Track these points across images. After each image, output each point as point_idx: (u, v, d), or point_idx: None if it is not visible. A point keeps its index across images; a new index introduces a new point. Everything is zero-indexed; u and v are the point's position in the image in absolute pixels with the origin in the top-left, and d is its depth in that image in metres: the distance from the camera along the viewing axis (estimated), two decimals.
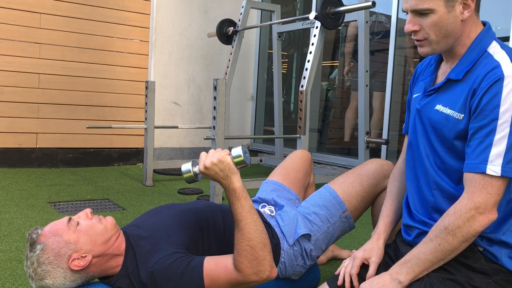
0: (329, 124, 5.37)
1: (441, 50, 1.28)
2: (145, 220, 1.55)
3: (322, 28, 3.29)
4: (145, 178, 3.76)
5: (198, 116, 5.00)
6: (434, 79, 1.36)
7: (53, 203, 3.03)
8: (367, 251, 1.40)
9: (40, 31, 4.18)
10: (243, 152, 1.38)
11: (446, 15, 1.21)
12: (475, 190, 1.16)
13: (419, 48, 1.29)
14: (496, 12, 3.98)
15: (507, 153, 1.13)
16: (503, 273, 1.24)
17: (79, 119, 4.39)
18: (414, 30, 1.25)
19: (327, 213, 1.65)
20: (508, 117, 1.13)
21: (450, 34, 1.23)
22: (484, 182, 1.15)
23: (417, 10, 1.22)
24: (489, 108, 1.15)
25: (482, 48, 1.24)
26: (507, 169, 1.14)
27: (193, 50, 4.93)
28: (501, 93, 1.15)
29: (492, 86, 1.16)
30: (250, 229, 1.33)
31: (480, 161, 1.15)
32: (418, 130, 1.37)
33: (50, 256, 1.31)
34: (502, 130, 1.14)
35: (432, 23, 1.22)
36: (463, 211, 1.16)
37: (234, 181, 1.36)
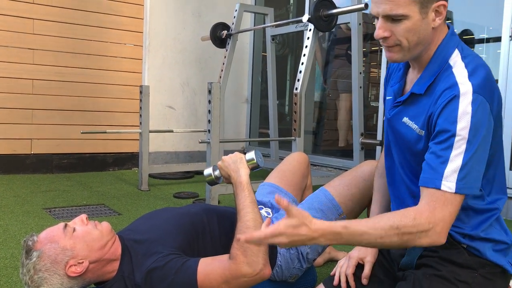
0: (324, 126, 5.39)
1: (410, 57, 1.25)
2: (140, 224, 1.55)
3: (316, 30, 3.30)
4: (141, 182, 3.76)
5: (193, 119, 5.00)
6: (403, 86, 1.34)
7: (49, 209, 3.02)
8: (362, 251, 1.40)
9: (33, 37, 4.17)
10: (256, 155, 1.58)
11: (419, 21, 1.17)
12: (437, 205, 1.12)
13: (387, 53, 1.24)
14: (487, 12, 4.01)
15: (461, 169, 1.11)
16: (489, 266, 1.25)
17: (74, 125, 4.37)
18: (385, 36, 1.20)
19: (323, 216, 1.65)
20: (465, 133, 1.11)
21: (421, 41, 1.20)
22: (443, 197, 1.12)
23: (390, 16, 1.17)
24: (447, 126, 1.13)
25: (444, 59, 1.22)
26: (461, 185, 1.11)
27: (187, 54, 4.93)
28: (457, 109, 1.12)
29: (448, 104, 1.14)
30: (249, 218, 1.39)
31: (436, 177, 1.13)
32: (390, 139, 1.37)
33: (47, 263, 1.31)
34: (459, 146, 1.12)
35: (406, 29, 1.17)
36: (423, 221, 1.10)
37: (242, 175, 1.50)
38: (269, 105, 4.69)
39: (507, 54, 3.24)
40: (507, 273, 1.28)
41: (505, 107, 3.24)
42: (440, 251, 1.25)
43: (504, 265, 1.26)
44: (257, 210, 1.43)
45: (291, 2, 5.73)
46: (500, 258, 1.26)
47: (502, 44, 3.27)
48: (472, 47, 4.68)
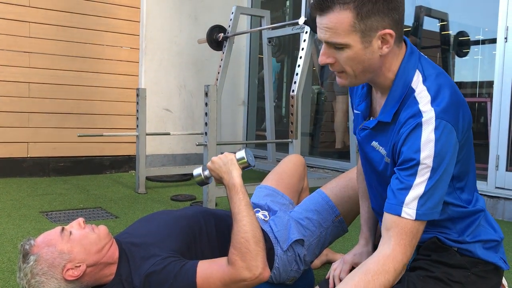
0: (321, 128, 5.40)
1: (360, 83, 1.23)
2: (137, 228, 1.55)
3: (312, 33, 3.31)
4: (138, 185, 3.75)
5: (190, 122, 5.00)
6: (369, 105, 1.32)
7: (45, 213, 3.01)
8: (356, 256, 1.41)
9: (29, 40, 4.16)
10: (247, 154, 1.51)
11: (362, 50, 1.13)
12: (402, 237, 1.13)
13: (337, 79, 1.23)
14: (483, 14, 4.03)
15: (422, 196, 1.11)
16: (481, 264, 1.26)
17: (70, 128, 4.37)
18: (328, 62, 1.17)
19: (320, 218, 1.66)
20: (430, 162, 1.11)
21: (367, 69, 1.17)
22: (406, 226, 1.13)
23: (331, 43, 1.14)
24: (410, 154, 1.12)
25: (406, 84, 1.19)
26: (421, 212, 1.12)
27: (183, 57, 4.93)
28: (420, 138, 1.11)
29: (411, 133, 1.13)
30: (246, 222, 1.37)
31: (397, 203, 1.14)
32: (362, 157, 1.38)
33: (44, 267, 1.31)
34: (423, 175, 1.11)
35: (348, 57, 1.14)
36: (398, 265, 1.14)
37: (235, 177, 1.46)
38: (266, 107, 4.70)
39: (502, 55, 3.25)
40: (499, 269, 1.29)
41: (500, 108, 3.26)
42: (432, 254, 1.26)
43: (497, 262, 1.27)
44: (253, 213, 1.41)
45: (288, 5, 5.75)
46: (491, 256, 1.26)
47: (497, 45, 3.28)
48: (468, 48, 4.70)
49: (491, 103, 3.34)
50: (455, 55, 4.77)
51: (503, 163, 3.26)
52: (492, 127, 3.30)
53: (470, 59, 4.76)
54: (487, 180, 3.31)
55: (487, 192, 3.26)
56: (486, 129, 3.88)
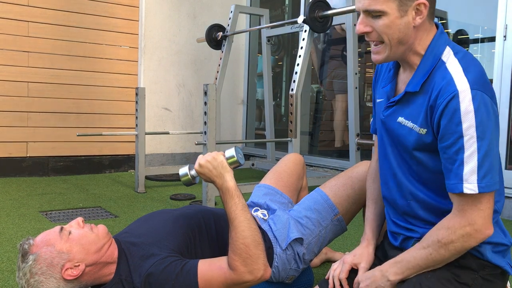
0: (320, 127, 5.40)
1: (394, 57, 1.25)
2: (137, 227, 1.55)
3: (311, 31, 3.31)
4: (137, 184, 3.75)
5: (189, 121, 5.00)
6: (394, 86, 1.34)
7: (45, 212, 3.01)
8: (357, 256, 1.40)
9: (28, 39, 4.16)
10: (236, 152, 1.44)
11: (398, 19, 1.18)
12: (465, 207, 1.16)
13: (373, 55, 1.26)
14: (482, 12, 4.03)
15: (479, 168, 1.12)
16: (489, 267, 1.25)
17: (69, 127, 4.37)
18: (366, 31, 1.22)
19: (319, 216, 1.66)
20: (473, 132, 1.11)
21: (402, 39, 1.20)
22: (470, 198, 1.15)
23: (369, 11, 1.19)
24: (452, 127, 1.13)
25: (436, 57, 1.22)
26: (483, 184, 1.13)
27: (182, 56, 4.93)
28: (459, 109, 1.12)
29: (449, 104, 1.14)
30: (244, 227, 1.35)
31: (457, 181, 1.14)
32: (385, 140, 1.36)
33: (43, 266, 1.31)
34: (470, 146, 1.12)
35: (384, 25, 1.18)
36: (457, 227, 1.16)
37: (228, 180, 1.40)
38: (265, 106, 4.70)
39: (501, 54, 3.25)
40: (506, 274, 1.29)
41: (499, 106, 3.26)
42: None
43: (504, 266, 1.26)
44: (250, 215, 1.39)
45: (287, 3, 5.74)
46: (500, 260, 1.26)
47: (496, 44, 3.28)
48: (467, 47, 4.70)
49: None
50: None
51: (502, 161, 3.26)
52: None
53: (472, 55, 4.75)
54: None
55: None
56: None
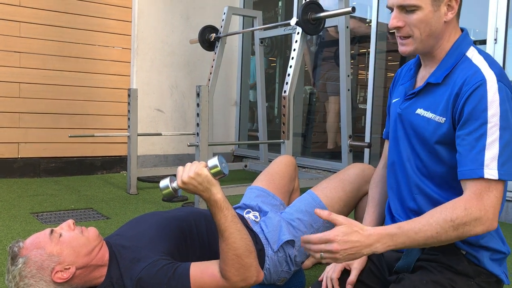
0: (313, 128, 5.41)
1: (422, 50, 1.27)
2: (128, 229, 1.55)
3: (304, 33, 3.32)
4: (129, 186, 3.74)
5: (181, 122, 4.99)
6: (414, 83, 1.36)
7: (36, 214, 3.00)
8: None
9: (20, 40, 4.14)
10: (220, 162, 1.34)
11: (431, 13, 1.21)
12: (483, 192, 1.13)
13: (400, 47, 1.28)
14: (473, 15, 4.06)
15: (500, 156, 1.13)
16: (485, 275, 1.25)
17: (61, 128, 4.34)
18: (399, 26, 1.24)
19: (310, 219, 1.66)
20: (497, 120, 1.13)
21: (433, 33, 1.24)
22: (488, 185, 1.13)
23: (403, 6, 1.22)
24: (477, 113, 1.14)
25: (461, 53, 1.25)
26: (503, 172, 1.13)
27: (175, 57, 4.92)
28: (486, 97, 1.14)
29: (476, 91, 1.16)
30: (235, 239, 1.33)
31: (477, 166, 1.13)
32: (399, 134, 1.36)
33: (33, 269, 1.30)
34: (493, 133, 1.13)
35: (418, 20, 1.22)
36: (474, 210, 1.11)
37: (215, 193, 1.34)
38: (258, 107, 4.70)
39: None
40: (501, 282, 1.29)
41: None
42: (440, 255, 1.25)
43: (500, 275, 1.27)
44: (240, 225, 1.36)
45: (280, 5, 5.75)
46: (496, 268, 1.26)
47: (487, 47, 3.31)
48: None
49: None
50: None
51: None
52: None
53: None
54: None
55: None
56: None
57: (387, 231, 1.12)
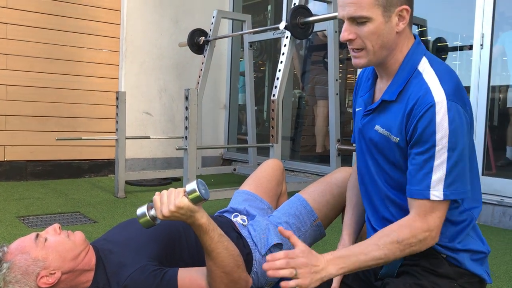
0: (301, 132, 5.43)
1: (376, 62, 1.26)
2: (115, 234, 1.54)
3: (293, 37, 3.33)
4: (117, 189, 3.72)
5: (170, 126, 4.98)
6: (372, 95, 1.36)
7: (22, 218, 2.96)
8: None
9: (6, 42, 4.10)
10: (199, 187, 1.24)
11: (383, 25, 1.20)
12: (426, 213, 1.18)
13: (353, 60, 1.26)
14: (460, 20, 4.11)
15: (446, 177, 1.16)
16: (467, 276, 1.26)
17: (49, 131, 4.31)
18: (350, 38, 1.22)
19: (298, 222, 1.67)
20: (445, 142, 1.15)
21: (385, 45, 1.22)
22: (432, 205, 1.18)
23: (354, 18, 1.20)
24: (426, 136, 1.16)
25: (413, 66, 1.24)
26: (448, 193, 1.17)
27: (164, 60, 4.91)
28: (435, 120, 1.15)
29: (425, 114, 1.17)
30: (223, 257, 1.31)
31: (423, 188, 1.17)
32: (363, 148, 1.37)
33: (17, 274, 1.28)
34: (440, 156, 1.16)
35: (369, 32, 1.20)
36: (419, 232, 1.18)
37: (198, 218, 1.28)
38: (247, 111, 4.70)
39: (478, 62, 3.32)
40: (483, 282, 1.30)
41: (476, 114, 3.32)
42: (421, 260, 1.26)
43: (482, 275, 1.28)
44: (227, 242, 1.33)
45: (269, 9, 5.77)
46: (478, 268, 1.27)
47: (474, 52, 3.35)
48: (446, 54, 4.79)
49: None
50: None
51: (479, 167, 3.31)
52: None
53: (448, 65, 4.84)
54: None
55: None
56: None
57: (339, 254, 1.18)
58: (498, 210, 3.17)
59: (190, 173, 3.02)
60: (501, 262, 2.40)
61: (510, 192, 3.18)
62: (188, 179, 2.99)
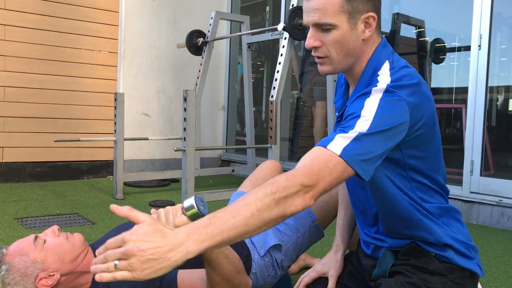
0: (300, 133, 5.43)
1: (341, 69, 1.24)
2: (114, 236, 1.53)
3: (291, 39, 3.34)
4: (115, 191, 3.71)
5: (168, 127, 4.98)
6: (345, 101, 1.33)
7: (20, 219, 2.96)
8: (325, 265, 1.41)
9: (4, 43, 4.09)
10: (197, 203, 1.15)
11: (348, 32, 1.16)
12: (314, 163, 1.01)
13: (319, 66, 1.23)
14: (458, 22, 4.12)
15: (354, 140, 1.04)
16: (458, 271, 1.27)
17: (47, 132, 4.30)
18: (316, 46, 1.18)
19: (297, 223, 1.67)
20: (370, 117, 1.07)
21: (351, 53, 1.19)
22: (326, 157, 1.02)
23: (319, 24, 1.16)
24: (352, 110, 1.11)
25: (375, 71, 1.20)
26: (349, 153, 1.02)
27: (162, 61, 4.91)
28: (365, 99, 1.11)
29: (359, 97, 1.14)
30: (223, 266, 1.29)
31: (326, 141, 1.06)
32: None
33: (16, 276, 1.28)
34: (360, 126, 1.06)
35: (334, 39, 1.16)
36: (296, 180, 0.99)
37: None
38: (246, 112, 4.71)
39: (476, 63, 3.33)
40: (475, 275, 1.30)
41: (474, 114, 3.33)
42: (411, 259, 1.27)
43: (473, 268, 1.28)
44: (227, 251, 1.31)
45: (267, 10, 5.78)
46: (467, 262, 1.28)
47: (471, 53, 3.36)
48: (444, 55, 4.80)
49: (466, 109, 3.41)
50: (431, 62, 4.86)
51: (477, 168, 3.33)
52: (466, 133, 3.37)
53: (446, 66, 4.85)
54: (462, 185, 3.37)
55: (462, 197, 3.32)
56: (461, 135, 3.96)
57: (198, 224, 0.92)
58: (496, 210, 3.17)
59: (188, 174, 3.02)
60: (499, 263, 2.40)
61: (508, 192, 3.18)
62: (186, 180, 2.99)
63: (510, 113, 4.02)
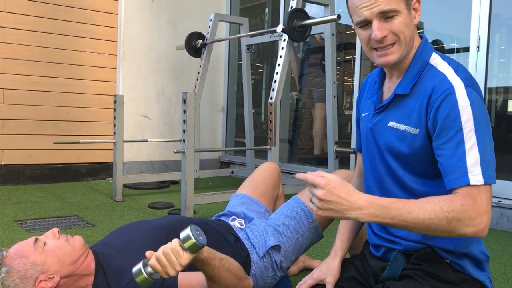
0: (299, 135, 5.43)
1: (404, 56, 1.25)
2: (114, 238, 1.53)
3: (290, 40, 3.34)
4: (115, 193, 3.71)
5: (168, 129, 4.98)
6: (381, 96, 1.34)
7: (20, 222, 2.96)
8: (322, 272, 1.39)
9: (4, 46, 4.10)
10: (193, 233, 1.16)
11: (408, 16, 1.22)
12: (476, 196, 1.10)
13: (385, 58, 1.23)
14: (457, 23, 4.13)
15: (482, 159, 1.11)
16: (469, 281, 1.25)
17: (46, 135, 4.30)
18: (385, 35, 1.20)
19: (296, 224, 1.67)
20: (471, 124, 1.12)
21: (412, 38, 1.24)
22: (478, 189, 1.10)
23: (384, 12, 1.19)
24: (450, 121, 1.13)
25: (424, 61, 1.25)
26: (487, 176, 1.11)
27: (162, 63, 4.92)
28: (457, 103, 1.14)
29: (446, 99, 1.15)
30: (226, 278, 1.31)
31: (461, 174, 1.11)
32: (373, 149, 1.34)
33: (16, 278, 1.28)
34: (470, 138, 1.12)
35: (400, 23, 1.20)
36: (469, 208, 1.08)
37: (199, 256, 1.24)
38: (245, 113, 4.71)
39: (475, 64, 3.33)
40: None
41: None
42: (423, 264, 1.25)
43: (484, 281, 1.27)
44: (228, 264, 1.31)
45: (266, 12, 5.78)
46: (480, 274, 1.27)
47: (470, 54, 3.36)
48: None
49: None
50: None
51: None
52: None
53: None
54: None
55: None
56: None
57: (379, 202, 1.09)
58: (495, 212, 3.18)
59: (188, 176, 3.02)
60: (498, 264, 2.40)
61: (507, 193, 3.19)
62: (186, 182, 2.99)
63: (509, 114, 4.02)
